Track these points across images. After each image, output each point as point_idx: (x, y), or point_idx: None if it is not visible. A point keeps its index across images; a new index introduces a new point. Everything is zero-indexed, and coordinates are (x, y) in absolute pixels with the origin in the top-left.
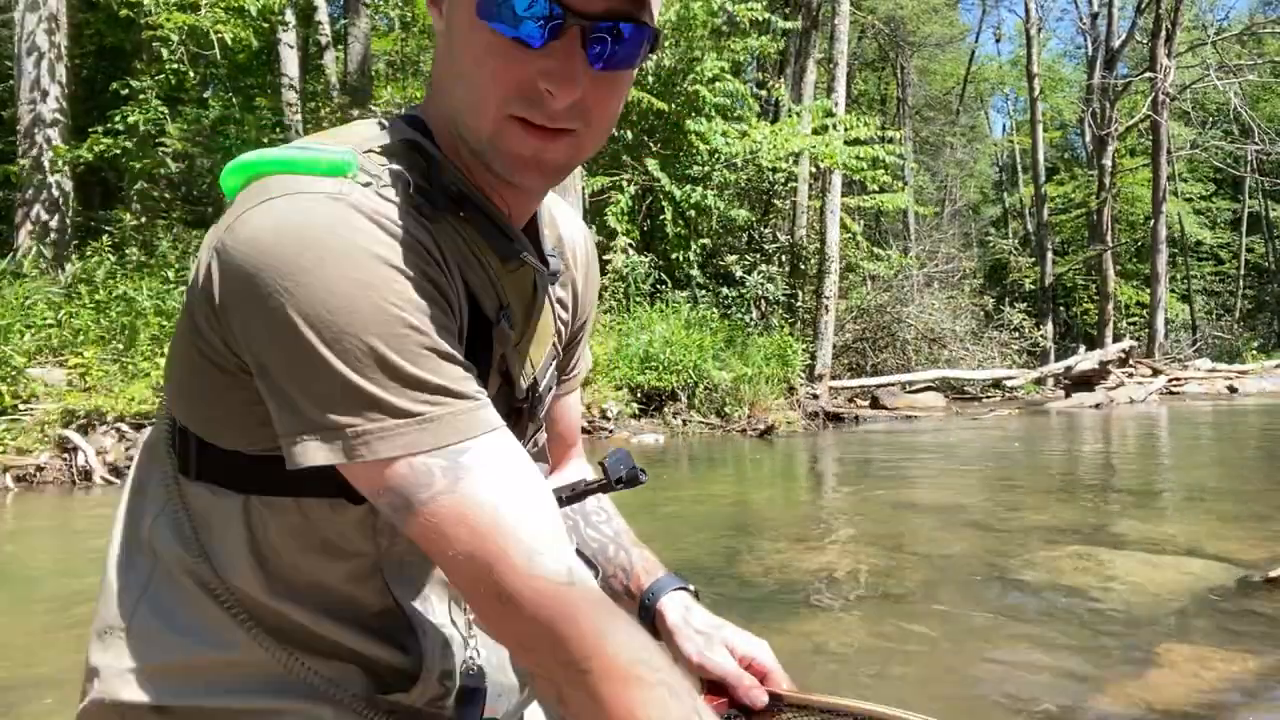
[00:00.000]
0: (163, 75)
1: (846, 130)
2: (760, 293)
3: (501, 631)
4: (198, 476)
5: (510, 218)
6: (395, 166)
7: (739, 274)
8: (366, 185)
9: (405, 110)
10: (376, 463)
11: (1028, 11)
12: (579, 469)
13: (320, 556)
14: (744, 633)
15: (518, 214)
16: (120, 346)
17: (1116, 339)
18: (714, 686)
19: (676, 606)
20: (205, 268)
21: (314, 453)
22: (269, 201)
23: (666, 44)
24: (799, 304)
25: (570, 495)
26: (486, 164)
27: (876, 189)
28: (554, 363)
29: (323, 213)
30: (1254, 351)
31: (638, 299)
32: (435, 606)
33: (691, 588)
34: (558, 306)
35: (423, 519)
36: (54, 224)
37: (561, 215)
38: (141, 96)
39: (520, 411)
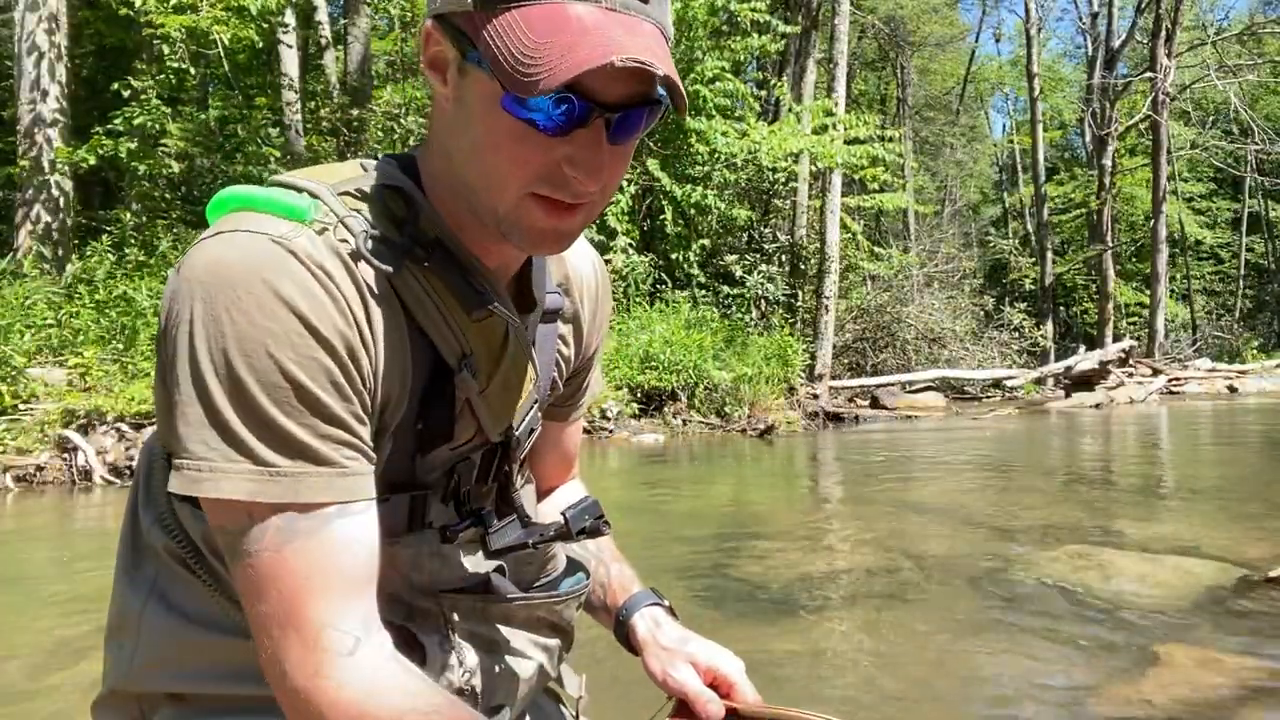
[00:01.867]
0: (164, 75)
1: (846, 130)
2: (760, 292)
3: (275, 687)
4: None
5: (496, 269)
6: (354, 216)
7: (739, 274)
8: (321, 232)
9: (406, 151)
10: (220, 500)
11: (1028, 11)
12: (573, 491)
13: None
14: (711, 645)
15: (506, 264)
16: (120, 346)
17: (1116, 339)
18: (683, 705)
19: (646, 622)
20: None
21: (173, 479)
22: (219, 235)
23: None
24: (799, 304)
25: (537, 541)
26: (504, 236)
27: (877, 188)
28: (535, 404)
29: (256, 253)
30: (1254, 351)
31: (638, 299)
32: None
33: (666, 603)
34: (558, 342)
35: (242, 568)
36: (54, 224)
37: (572, 248)
38: (143, 96)
39: (494, 453)
